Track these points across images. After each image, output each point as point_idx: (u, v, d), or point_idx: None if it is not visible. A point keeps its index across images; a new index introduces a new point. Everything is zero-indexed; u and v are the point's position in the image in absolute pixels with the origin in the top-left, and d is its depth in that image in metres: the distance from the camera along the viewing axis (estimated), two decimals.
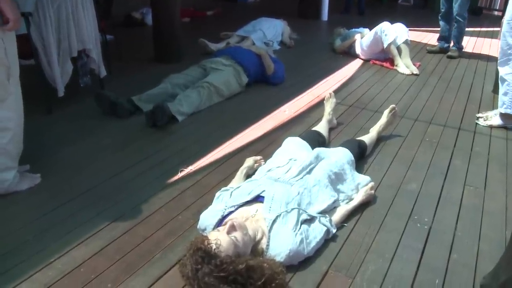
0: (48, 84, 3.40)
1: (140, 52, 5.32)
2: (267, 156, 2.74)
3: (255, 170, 2.60)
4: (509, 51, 3.31)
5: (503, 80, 3.42)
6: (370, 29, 5.44)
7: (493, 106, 3.92)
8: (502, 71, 3.42)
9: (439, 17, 5.74)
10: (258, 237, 1.93)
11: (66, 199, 2.42)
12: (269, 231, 1.94)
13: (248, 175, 2.58)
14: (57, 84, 3.38)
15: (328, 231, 2.12)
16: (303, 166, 2.36)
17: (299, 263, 1.97)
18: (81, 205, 2.37)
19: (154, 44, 5.04)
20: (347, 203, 2.38)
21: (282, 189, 2.14)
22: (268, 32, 5.90)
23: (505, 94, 3.42)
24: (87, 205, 2.37)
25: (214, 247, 1.64)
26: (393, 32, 5.12)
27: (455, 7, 5.39)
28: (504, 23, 3.30)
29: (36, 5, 3.14)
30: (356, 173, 2.59)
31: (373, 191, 2.50)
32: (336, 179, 2.42)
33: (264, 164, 2.62)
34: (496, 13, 9.32)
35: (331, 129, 3.35)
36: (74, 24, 3.41)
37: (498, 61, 3.45)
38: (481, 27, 7.56)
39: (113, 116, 3.46)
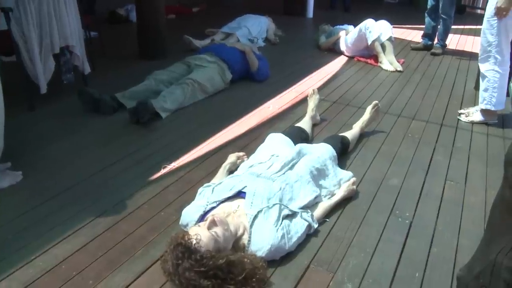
0: (30, 81, 3.37)
1: (124, 49, 5.29)
2: (250, 152, 2.75)
3: (238, 166, 2.60)
4: (489, 48, 3.35)
5: (484, 77, 3.46)
6: (355, 26, 5.46)
7: (475, 102, 3.97)
8: (483, 67, 3.46)
9: (426, 14, 5.77)
10: (240, 232, 1.94)
11: (48, 196, 2.40)
12: (251, 226, 1.95)
13: (231, 171, 2.59)
14: (39, 80, 3.34)
15: (309, 226, 2.14)
16: (285, 162, 2.37)
17: (280, 258, 1.98)
18: (63, 203, 2.36)
19: (138, 40, 5.01)
20: (329, 198, 2.40)
21: (263, 185, 2.15)
22: (253, 29, 5.91)
23: (486, 90, 3.46)
24: (69, 202, 2.36)
25: (194, 242, 1.65)
26: (377, 29, 5.15)
27: (441, 6, 5.44)
28: (484, 21, 3.34)
29: (17, 1, 3.11)
30: (338, 169, 2.61)
31: (355, 187, 2.52)
32: (318, 175, 2.43)
33: (247, 160, 2.63)
34: (479, 11, 9.41)
35: (314, 125, 3.37)
36: (56, 20, 3.37)
37: (479, 58, 3.49)
38: (464, 25, 7.63)
39: (97, 113, 3.44)
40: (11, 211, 2.27)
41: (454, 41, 6.53)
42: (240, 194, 2.12)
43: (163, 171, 2.71)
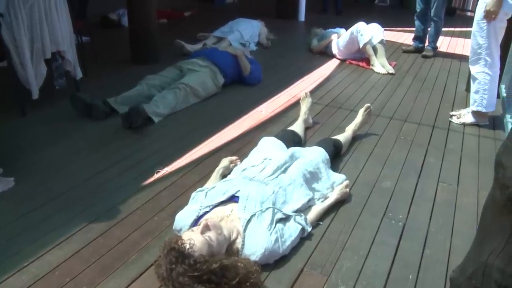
0: (21, 86, 3.35)
1: (116, 54, 5.27)
2: (243, 156, 2.75)
3: (231, 170, 2.60)
4: (479, 51, 3.38)
5: (474, 79, 3.49)
6: (347, 29, 5.49)
7: (466, 104, 4.00)
8: (473, 69, 3.49)
9: (415, 17, 5.82)
10: (233, 236, 1.94)
11: (40, 202, 2.39)
12: (244, 230, 1.95)
13: (224, 176, 2.58)
14: (31, 86, 3.33)
15: (303, 229, 2.14)
16: (278, 165, 2.37)
17: (274, 261, 1.98)
18: (56, 208, 2.35)
19: (130, 45, 5.00)
20: (322, 201, 2.40)
21: (257, 189, 2.15)
22: (245, 33, 5.91)
23: (476, 92, 3.49)
24: (61, 208, 2.35)
25: (187, 246, 1.64)
26: (368, 32, 5.18)
27: (433, 8, 5.48)
28: (474, 23, 3.36)
29: (7, 5, 3.09)
30: (331, 172, 2.62)
31: (348, 189, 2.53)
32: (311, 178, 2.44)
33: (240, 164, 2.63)
34: (469, 13, 9.48)
35: (307, 129, 3.38)
36: (48, 25, 3.36)
37: (469, 60, 3.52)
38: (454, 27, 7.69)
39: (89, 118, 3.42)
40: (3, 218, 2.25)
41: (445, 44, 6.58)
42: (233, 198, 2.12)
43: (156, 176, 2.70)
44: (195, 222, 2.03)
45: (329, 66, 5.28)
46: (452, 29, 7.52)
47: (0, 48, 3.17)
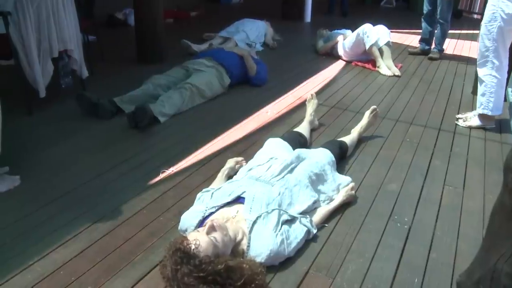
0: (28, 85, 3.36)
1: (122, 53, 5.28)
2: (248, 157, 2.75)
3: (237, 171, 2.60)
4: (486, 53, 3.36)
5: (481, 81, 3.48)
6: (353, 31, 5.47)
7: (473, 107, 3.98)
8: (480, 72, 3.47)
9: (422, 19, 5.79)
10: (239, 238, 1.93)
11: (46, 201, 2.39)
12: (250, 232, 1.95)
13: (229, 176, 2.59)
14: (38, 84, 3.34)
15: (308, 231, 2.14)
16: (284, 165, 2.37)
17: (279, 263, 1.98)
18: (61, 207, 2.35)
19: (136, 44, 5.01)
20: (327, 203, 2.40)
21: (262, 190, 2.15)
22: (251, 33, 5.91)
23: (483, 95, 3.48)
24: (67, 207, 2.35)
25: (193, 247, 1.64)
26: (375, 34, 5.16)
27: (439, 11, 5.46)
28: (482, 26, 3.35)
29: (15, 5, 3.10)
30: (337, 174, 2.61)
31: (353, 192, 2.52)
32: (317, 180, 2.43)
33: (245, 165, 2.63)
34: (475, 16, 9.43)
35: (312, 130, 3.37)
36: (55, 24, 3.37)
37: (477, 63, 3.50)
38: (461, 30, 7.65)
39: (95, 117, 3.43)
40: (9, 216, 2.26)
41: (451, 46, 6.55)
42: (239, 200, 2.12)
43: (161, 176, 2.70)
44: (201, 223, 2.03)
45: (335, 68, 5.26)
46: (459, 31, 7.49)
47: (7, 46, 3.18)
